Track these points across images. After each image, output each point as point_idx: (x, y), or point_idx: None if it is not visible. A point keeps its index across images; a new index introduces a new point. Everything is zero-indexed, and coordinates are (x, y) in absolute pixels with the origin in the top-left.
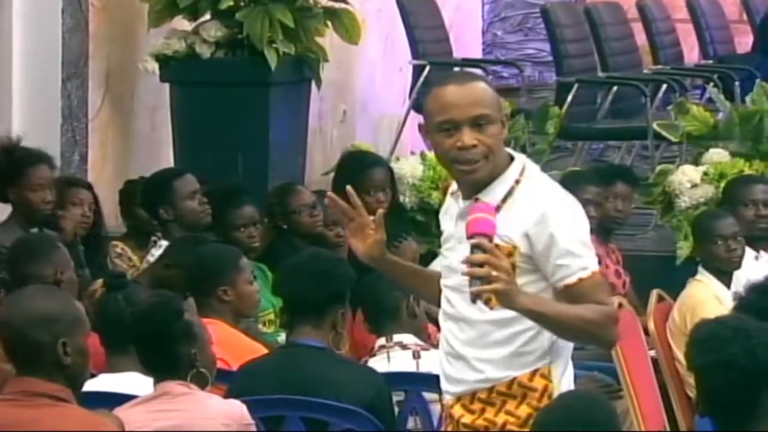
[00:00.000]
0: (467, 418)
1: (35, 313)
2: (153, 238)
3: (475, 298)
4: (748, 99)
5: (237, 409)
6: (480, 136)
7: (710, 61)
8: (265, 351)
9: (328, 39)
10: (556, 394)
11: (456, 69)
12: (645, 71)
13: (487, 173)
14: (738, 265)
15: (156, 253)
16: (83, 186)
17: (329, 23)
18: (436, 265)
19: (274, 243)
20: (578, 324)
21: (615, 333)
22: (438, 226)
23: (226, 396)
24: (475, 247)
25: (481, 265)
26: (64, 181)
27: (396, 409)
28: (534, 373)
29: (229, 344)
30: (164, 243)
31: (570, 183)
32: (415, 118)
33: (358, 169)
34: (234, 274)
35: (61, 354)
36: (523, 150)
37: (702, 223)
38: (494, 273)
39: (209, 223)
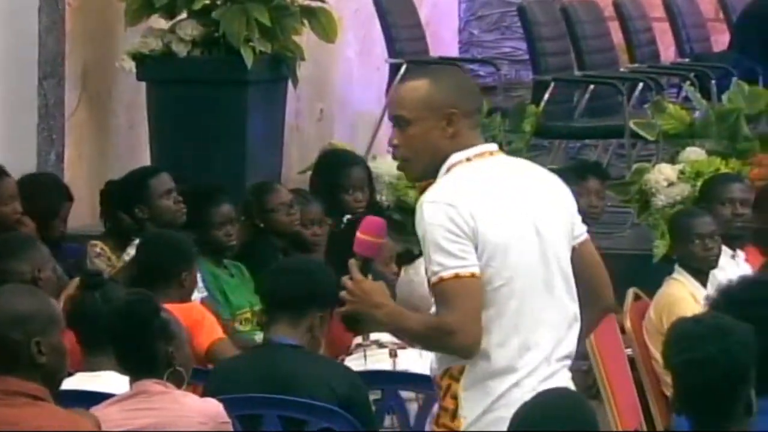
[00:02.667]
0: None
1: (9, 313)
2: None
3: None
4: (724, 97)
5: (214, 407)
6: (400, 138)
7: (687, 60)
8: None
9: (305, 37)
10: (460, 395)
11: (433, 67)
12: (621, 70)
13: (418, 173)
14: (715, 264)
15: (132, 252)
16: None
17: (306, 22)
18: (420, 265)
19: (251, 241)
20: (421, 337)
21: (455, 343)
22: (413, 224)
23: (203, 394)
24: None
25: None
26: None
27: (373, 408)
28: (446, 371)
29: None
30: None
31: None
32: None
33: (337, 167)
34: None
35: (35, 353)
36: (499, 148)
37: (679, 222)
38: (348, 297)
39: (184, 222)
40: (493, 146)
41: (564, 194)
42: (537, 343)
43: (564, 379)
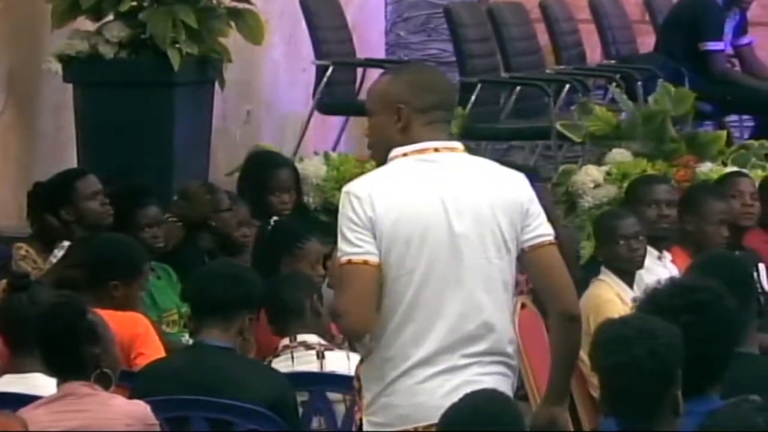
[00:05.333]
0: None
1: None
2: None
3: None
4: (650, 99)
5: (141, 409)
6: (368, 126)
7: (613, 62)
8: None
9: (232, 39)
10: (362, 377)
11: (359, 69)
12: (548, 71)
13: (378, 160)
14: (640, 265)
15: (59, 254)
16: None
17: (233, 24)
18: None
19: (177, 243)
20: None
21: (343, 325)
22: None
23: (132, 396)
24: None
25: None
26: None
27: (300, 410)
28: (361, 361)
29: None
30: (66, 244)
31: None
32: (319, 118)
33: (263, 169)
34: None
35: None
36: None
37: (603, 223)
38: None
39: (110, 224)
40: (443, 143)
41: (513, 197)
42: (432, 333)
43: (476, 375)
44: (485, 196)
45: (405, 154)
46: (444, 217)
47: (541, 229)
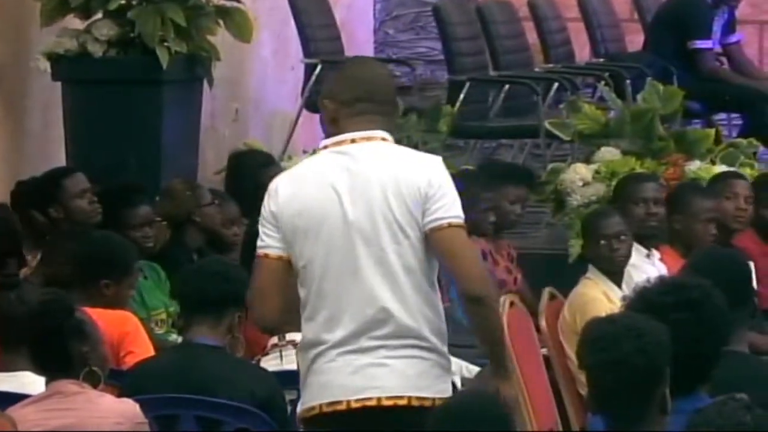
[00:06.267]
0: None
1: None
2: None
3: None
4: (639, 97)
5: (130, 407)
6: None
7: (601, 60)
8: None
9: (220, 37)
10: (298, 361)
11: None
12: (537, 70)
13: None
14: (623, 264)
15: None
16: None
17: (221, 21)
18: None
19: (166, 242)
20: None
21: (252, 315)
22: None
23: (121, 395)
24: None
25: None
26: None
27: (289, 408)
28: None
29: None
30: None
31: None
32: (308, 117)
33: (256, 167)
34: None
35: None
36: (415, 148)
37: (587, 222)
38: None
39: (99, 222)
40: (360, 134)
41: (409, 181)
42: (340, 319)
43: (383, 357)
44: (378, 182)
45: (326, 147)
46: (339, 208)
47: (441, 212)
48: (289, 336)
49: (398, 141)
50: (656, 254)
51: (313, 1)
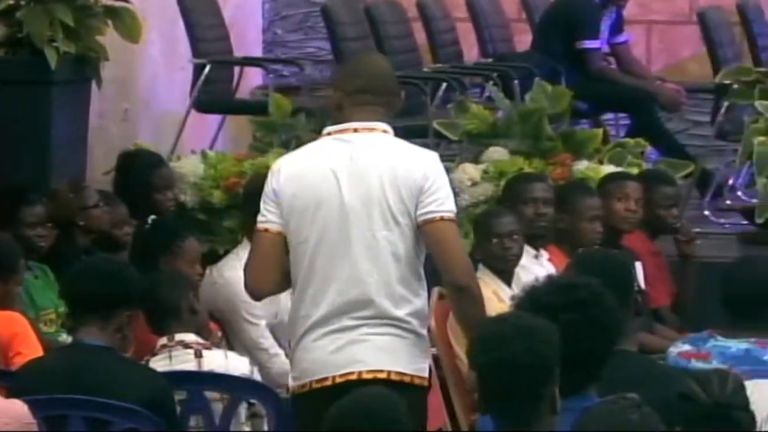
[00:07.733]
0: None
1: None
2: None
3: None
4: (527, 97)
5: (18, 408)
6: None
7: (490, 60)
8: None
9: (109, 38)
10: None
11: (236, 68)
12: (425, 70)
13: None
14: (514, 263)
15: None
16: None
17: (110, 22)
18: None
19: (56, 243)
20: None
21: (245, 285)
22: (218, 224)
23: (9, 395)
24: None
25: None
26: None
27: (178, 408)
28: None
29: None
30: None
31: None
32: (197, 117)
33: (147, 167)
34: None
35: None
36: None
37: (480, 221)
38: None
39: None
40: (363, 124)
41: (407, 173)
42: (326, 295)
43: (364, 335)
44: (376, 171)
45: (329, 133)
46: (337, 192)
47: (434, 205)
48: (178, 336)
49: (287, 141)
50: (545, 254)
51: (201, 1)
